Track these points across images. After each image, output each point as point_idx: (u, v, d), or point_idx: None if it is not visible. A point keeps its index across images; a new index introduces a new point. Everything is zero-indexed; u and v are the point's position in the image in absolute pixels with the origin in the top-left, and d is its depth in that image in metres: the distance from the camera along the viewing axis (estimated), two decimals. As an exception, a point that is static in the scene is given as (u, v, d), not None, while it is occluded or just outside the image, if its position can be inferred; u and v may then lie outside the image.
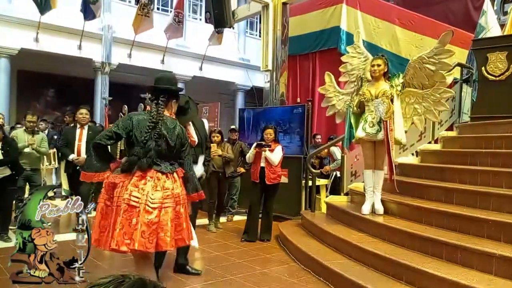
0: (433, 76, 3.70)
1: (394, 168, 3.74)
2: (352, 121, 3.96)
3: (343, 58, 4.42)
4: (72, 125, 5.38)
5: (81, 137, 4.78)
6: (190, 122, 3.33)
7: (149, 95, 2.81)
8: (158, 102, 2.65)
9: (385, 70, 3.79)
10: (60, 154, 6.28)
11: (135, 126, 2.55)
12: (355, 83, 4.10)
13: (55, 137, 7.17)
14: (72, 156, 4.69)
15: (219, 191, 5.49)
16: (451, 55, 3.61)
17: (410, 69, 3.80)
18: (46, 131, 7.27)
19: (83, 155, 4.67)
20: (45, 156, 6.52)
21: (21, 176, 4.77)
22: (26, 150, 4.88)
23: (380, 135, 3.68)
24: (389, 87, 3.75)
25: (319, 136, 7.14)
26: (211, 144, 5.26)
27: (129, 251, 2.45)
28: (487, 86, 4.44)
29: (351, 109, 3.99)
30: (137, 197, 2.43)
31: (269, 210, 4.81)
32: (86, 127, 4.86)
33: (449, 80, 3.78)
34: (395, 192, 3.94)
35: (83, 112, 4.86)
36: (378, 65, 3.75)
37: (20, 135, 4.93)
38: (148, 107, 2.82)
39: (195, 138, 3.40)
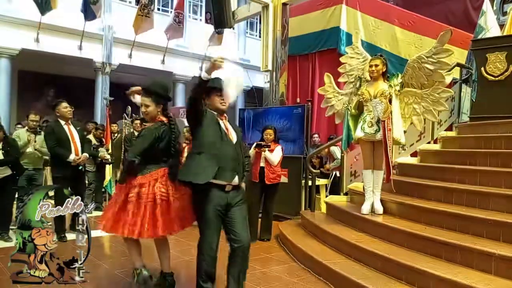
0: (432, 75, 3.71)
1: (391, 168, 3.75)
2: (350, 123, 3.97)
3: (342, 59, 4.44)
4: (49, 122, 5.00)
5: (72, 134, 4.45)
6: None
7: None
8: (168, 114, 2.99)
9: (384, 70, 3.80)
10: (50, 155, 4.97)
11: None
12: (354, 84, 4.11)
13: None
14: (73, 157, 4.37)
15: None
16: (449, 54, 3.61)
17: (409, 69, 3.81)
18: None
19: (80, 154, 4.47)
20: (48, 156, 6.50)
21: (23, 175, 4.76)
22: (29, 150, 4.88)
23: (379, 135, 3.69)
24: (387, 87, 3.75)
25: (316, 135, 7.14)
26: None
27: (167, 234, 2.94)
28: (487, 86, 4.44)
29: (349, 111, 4.01)
30: (165, 192, 2.86)
31: (269, 210, 4.82)
32: (70, 123, 4.51)
33: (448, 79, 3.78)
34: (393, 192, 3.94)
35: (67, 106, 4.45)
36: (376, 65, 3.76)
37: (22, 135, 4.93)
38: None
39: None
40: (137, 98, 3.18)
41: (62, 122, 4.45)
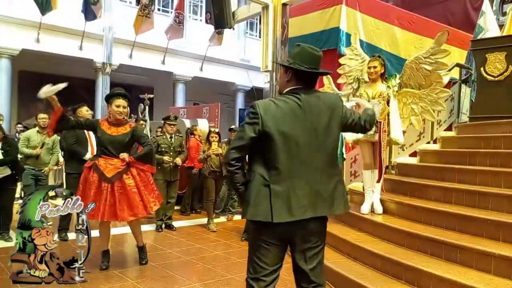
0: (430, 76, 3.72)
1: (383, 169, 3.76)
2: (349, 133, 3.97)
3: (341, 60, 4.46)
4: None
5: (90, 136, 4.63)
6: None
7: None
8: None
9: (382, 71, 3.80)
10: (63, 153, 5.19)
11: None
12: (353, 85, 4.12)
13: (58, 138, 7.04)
14: (88, 156, 4.47)
15: (216, 190, 5.52)
16: (447, 54, 3.63)
17: (407, 69, 3.82)
18: None
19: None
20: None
21: (30, 175, 4.79)
22: (35, 151, 4.90)
23: (377, 136, 3.70)
24: (385, 88, 3.76)
25: None
26: (213, 143, 5.32)
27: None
28: (486, 87, 4.44)
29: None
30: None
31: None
32: None
33: (445, 80, 3.79)
34: (384, 191, 3.95)
35: (88, 109, 4.82)
36: (375, 67, 3.76)
37: (33, 136, 4.93)
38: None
39: None
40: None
41: None
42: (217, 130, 5.73)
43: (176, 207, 6.31)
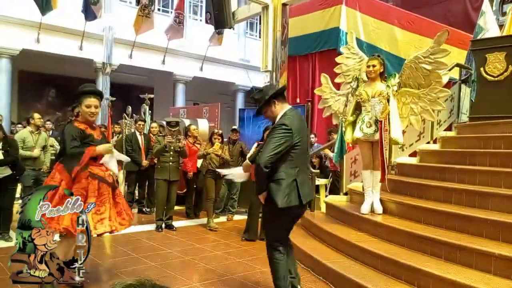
0: (429, 75, 3.72)
1: (386, 168, 3.75)
2: (348, 131, 3.97)
3: (338, 59, 4.42)
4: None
5: None
6: None
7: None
8: None
9: (381, 70, 3.79)
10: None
11: None
12: (351, 84, 4.10)
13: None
14: None
15: (216, 190, 5.53)
16: (446, 54, 3.62)
17: (406, 69, 3.81)
18: (50, 132, 7.29)
19: None
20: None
21: (30, 175, 4.80)
22: (36, 153, 4.92)
23: (377, 135, 3.69)
24: (385, 87, 3.75)
25: (312, 135, 7.13)
26: (215, 143, 5.35)
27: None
28: (486, 87, 4.45)
29: (343, 123, 4.04)
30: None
31: (269, 209, 4.84)
32: None
33: (445, 79, 3.79)
34: (388, 191, 3.95)
35: None
36: (374, 66, 3.75)
37: (28, 137, 4.92)
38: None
39: None
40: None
41: None
42: (220, 132, 5.72)
43: (180, 208, 6.31)
